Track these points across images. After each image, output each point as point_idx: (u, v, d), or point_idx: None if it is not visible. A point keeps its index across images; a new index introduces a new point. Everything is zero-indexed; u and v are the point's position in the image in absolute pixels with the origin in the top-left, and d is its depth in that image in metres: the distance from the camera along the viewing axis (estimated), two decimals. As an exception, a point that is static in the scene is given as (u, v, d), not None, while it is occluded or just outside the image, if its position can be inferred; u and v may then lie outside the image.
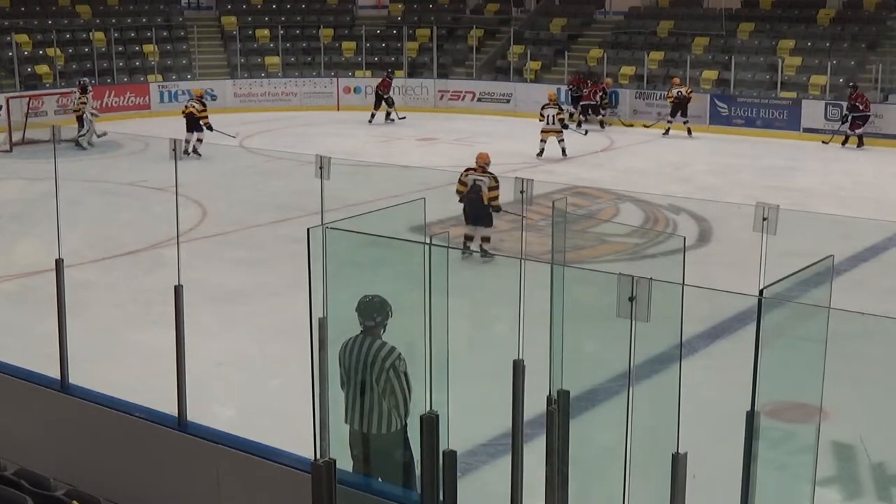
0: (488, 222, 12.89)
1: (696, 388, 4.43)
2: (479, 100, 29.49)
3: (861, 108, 22.93)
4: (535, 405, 4.82)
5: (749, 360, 3.81)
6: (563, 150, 21.30)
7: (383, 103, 27.11)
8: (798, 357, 4.17)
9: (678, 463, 4.11)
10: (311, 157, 9.48)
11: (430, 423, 4.81)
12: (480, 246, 12.77)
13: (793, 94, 25.66)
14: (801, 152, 22.25)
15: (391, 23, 33.43)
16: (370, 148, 22.69)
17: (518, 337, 5.00)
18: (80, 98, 22.57)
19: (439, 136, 24.48)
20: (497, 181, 12.94)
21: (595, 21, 32.26)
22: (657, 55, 28.89)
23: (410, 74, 30.89)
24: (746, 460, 4.00)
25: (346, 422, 5.76)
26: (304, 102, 29.71)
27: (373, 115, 27.07)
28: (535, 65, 30.22)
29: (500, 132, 24.96)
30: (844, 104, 23.49)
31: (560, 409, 4.66)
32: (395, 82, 29.15)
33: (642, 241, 14.64)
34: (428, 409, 4.84)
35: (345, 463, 5.47)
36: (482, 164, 13.18)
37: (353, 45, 32.05)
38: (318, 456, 4.83)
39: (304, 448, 4.98)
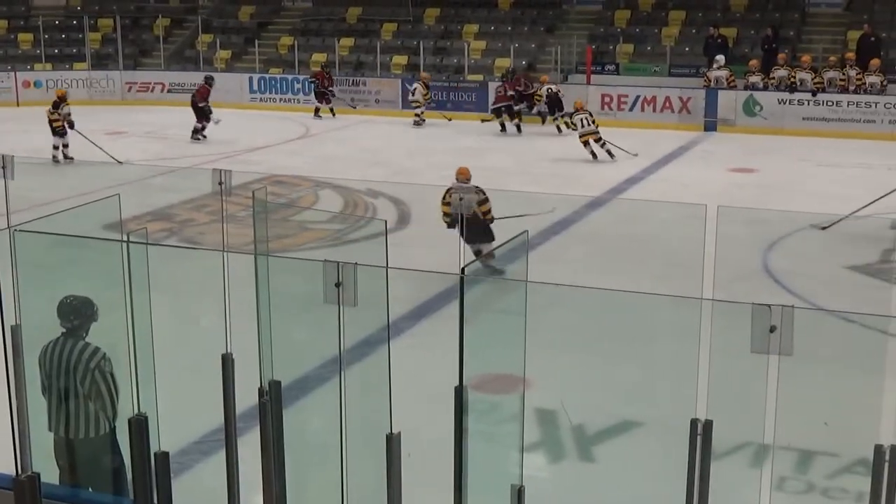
0: (490, 238, 11.07)
1: (405, 368, 4.52)
2: (169, 91, 28.73)
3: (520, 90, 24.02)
4: (247, 398, 4.77)
5: (454, 337, 3.92)
6: (610, 152, 19.72)
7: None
8: (500, 330, 4.31)
9: (392, 443, 4.17)
10: (-8, 156, 8.97)
11: (138, 425, 4.67)
12: (483, 261, 10.42)
13: (479, 77, 26.53)
14: (492, 132, 23.04)
15: (70, 13, 32.01)
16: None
17: (225, 330, 4.93)
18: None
19: (129, 130, 23.68)
20: (485, 192, 11.52)
21: (284, 9, 32.17)
22: (347, 41, 29.16)
23: (94, 66, 29.70)
24: (457, 434, 4.11)
25: (49, 429, 5.50)
26: (-21, 99, 28.00)
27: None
28: (226, 54, 29.80)
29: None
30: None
31: (272, 400, 4.64)
32: (77, 75, 28.03)
33: (343, 226, 14.75)
34: (136, 410, 4.69)
35: (51, 475, 5.22)
36: (464, 180, 11.69)
37: (29, 36, 30.48)
38: (20, 471, 4.58)
39: (3, 464, 4.71)
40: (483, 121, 24.08)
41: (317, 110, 25.56)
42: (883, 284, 11.57)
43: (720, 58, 23.84)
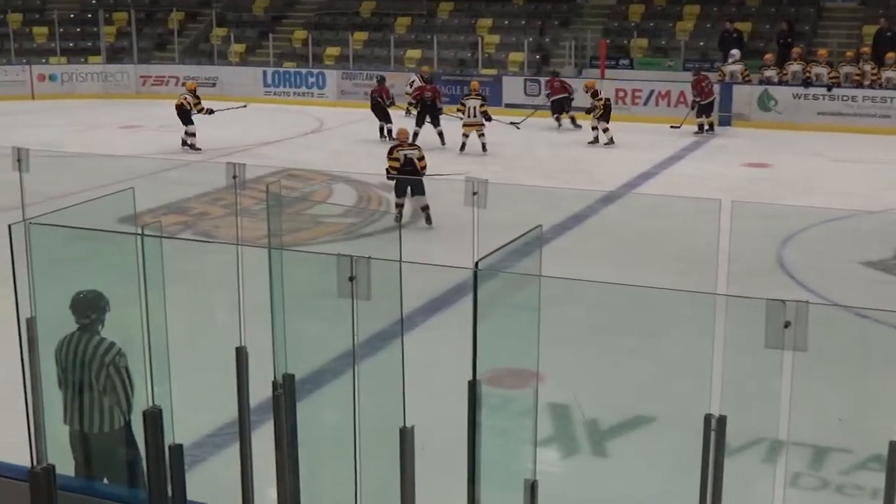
0: (423, 191, 13.85)
1: (418, 362, 4.51)
2: (183, 85, 28.71)
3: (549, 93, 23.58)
4: (261, 391, 4.78)
5: (468, 331, 3.91)
6: (483, 146, 19.88)
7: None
8: (514, 325, 4.31)
9: (405, 437, 4.17)
10: (6, 149, 9.00)
11: (153, 418, 4.68)
12: (427, 215, 13.76)
13: (493, 71, 26.50)
14: (504, 126, 22.96)
15: (85, 6, 32.10)
16: (70, 138, 21.73)
17: (239, 323, 4.94)
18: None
19: (143, 123, 23.75)
20: (422, 151, 14.40)
21: (298, 2, 32.17)
22: (361, 35, 29.15)
23: (109, 60, 29.78)
24: (471, 428, 4.10)
25: (65, 422, 5.52)
26: (-6, 92, 28.06)
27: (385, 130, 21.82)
28: (240, 47, 29.83)
29: (207, 116, 24.51)
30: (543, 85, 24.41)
31: (286, 393, 4.64)
32: (92, 69, 28.15)
33: (357, 220, 14.76)
34: (150, 403, 4.70)
35: (66, 467, 5.24)
36: (405, 139, 14.42)
37: (45, 30, 30.58)
38: (35, 463, 4.60)
39: (19, 456, 4.73)
40: (672, 126, 22.32)
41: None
42: (898, 280, 11.53)
43: (735, 52, 23.76)
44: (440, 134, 20.71)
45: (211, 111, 20.53)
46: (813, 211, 13.91)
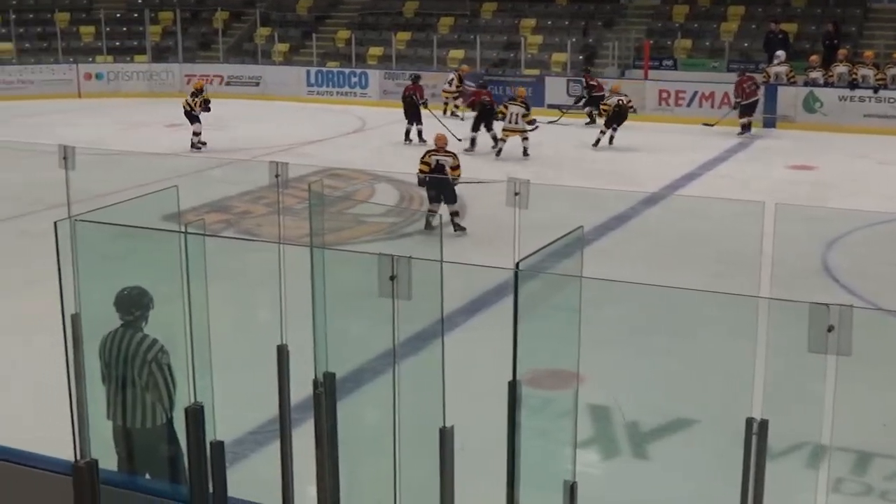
0: (454, 198, 13.65)
1: (458, 363, 4.51)
2: (227, 84, 28.95)
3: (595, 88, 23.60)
4: (301, 389, 4.80)
5: (508, 332, 3.90)
6: (525, 150, 19.47)
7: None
8: (554, 326, 4.29)
9: (445, 437, 4.17)
10: (53, 147, 9.08)
11: (194, 415, 4.71)
12: (454, 223, 13.52)
13: (536, 72, 26.45)
14: (543, 126, 22.88)
15: (131, 6, 32.37)
16: (115, 136, 21.94)
17: (281, 321, 4.97)
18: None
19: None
20: (458, 159, 14.07)
21: (342, 2, 32.28)
22: (404, 35, 29.19)
23: (154, 59, 30.04)
24: (511, 429, 4.09)
25: (108, 418, 5.58)
26: (42, 90, 28.32)
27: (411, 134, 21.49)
28: (283, 47, 29.98)
29: (250, 116, 24.67)
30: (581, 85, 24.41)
31: (326, 392, 4.66)
32: (138, 67, 28.39)
33: (399, 219, 14.79)
34: (192, 399, 4.73)
35: (109, 462, 5.29)
36: (441, 146, 14.10)
37: (91, 29, 30.88)
38: (79, 457, 4.64)
39: (63, 450, 4.78)
40: (705, 124, 22.57)
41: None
42: (945, 285, 11.38)
43: (780, 53, 23.55)
44: (494, 137, 20.61)
45: (207, 101, 20.64)
46: (858, 214, 13.76)
